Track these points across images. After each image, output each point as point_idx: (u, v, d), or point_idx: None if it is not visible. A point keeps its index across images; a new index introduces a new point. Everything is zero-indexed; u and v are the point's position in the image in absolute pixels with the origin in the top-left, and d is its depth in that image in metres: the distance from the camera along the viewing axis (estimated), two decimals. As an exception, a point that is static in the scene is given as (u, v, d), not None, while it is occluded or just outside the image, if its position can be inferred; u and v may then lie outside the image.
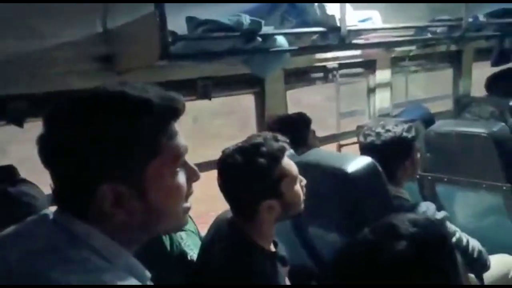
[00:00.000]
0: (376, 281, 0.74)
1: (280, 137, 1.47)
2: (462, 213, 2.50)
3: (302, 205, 1.48)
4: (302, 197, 1.47)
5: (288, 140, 1.47)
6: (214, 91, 2.27)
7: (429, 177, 2.50)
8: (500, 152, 2.15)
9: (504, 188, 2.17)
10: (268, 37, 1.79)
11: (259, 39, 1.75)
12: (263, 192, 1.40)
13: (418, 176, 2.55)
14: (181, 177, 0.82)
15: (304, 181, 1.49)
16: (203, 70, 2.16)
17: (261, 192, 1.40)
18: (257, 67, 1.91)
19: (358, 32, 2.18)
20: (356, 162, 1.64)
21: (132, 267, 0.78)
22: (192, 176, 0.84)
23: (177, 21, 1.63)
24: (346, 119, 3.10)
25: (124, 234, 0.77)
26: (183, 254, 1.58)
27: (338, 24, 1.94)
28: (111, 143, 0.74)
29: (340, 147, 3.06)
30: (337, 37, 1.96)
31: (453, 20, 2.57)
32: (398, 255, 0.74)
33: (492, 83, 3.30)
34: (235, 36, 1.70)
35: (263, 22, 1.74)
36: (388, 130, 1.88)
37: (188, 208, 0.85)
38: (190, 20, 1.68)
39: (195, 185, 0.86)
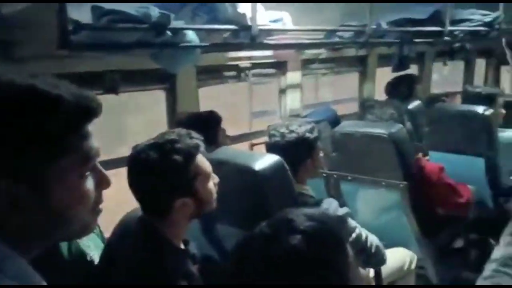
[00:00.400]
0: (270, 275, 0.75)
1: (194, 134, 1.45)
2: (364, 209, 2.63)
3: (215, 203, 1.48)
4: (215, 195, 1.47)
5: (202, 137, 1.46)
6: (122, 86, 2.19)
7: (335, 175, 2.60)
8: (397, 152, 2.30)
9: (401, 185, 2.32)
10: (178, 32, 1.76)
11: (169, 33, 1.71)
12: (177, 189, 1.38)
13: (324, 174, 2.66)
14: (89, 183, 0.77)
15: (217, 179, 1.49)
16: (110, 62, 2.07)
17: (175, 190, 1.37)
18: (167, 62, 1.87)
19: (269, 32, 2.22)
20: (264, 160, 1.66)
21: (24, 275, 0.71)
22: (102, 183, 0.79)
23: (83, 10, 1.54)
24: (258, 119, 3.14)
25: (19, 240, 0.70)
26: (82, 254, 1.50)
27: (249, 23, 1.95)
28: (11, 136, 0.67)
29: (252, 146, 3.10)
30: (248, 36, 1.98)
31: (359, 26, 2.70)
32: (292, 249, 0.75)
33: (392, 88, 3.53)
34: (143, 28, 1.65)
35: (172, 15, 1.70)
36: (292, 131, 1.95)
37: (96, 215, 0.80)
38: (95, 9, 1.59)
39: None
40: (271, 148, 1.98)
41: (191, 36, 1.82)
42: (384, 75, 3.74)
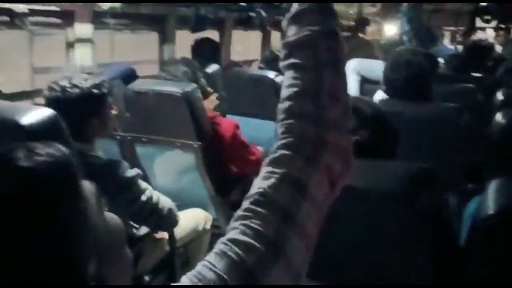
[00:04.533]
0: None
1: None
2: (161, 172, 2.56)
3: None
4: None
5: None
6: None
7: (129, 137, 2.45)
8: (191, 111, 2.25)
9: (195, 146, 2.29)
10: None
11: None
12: None
13: (118, 137, 2.48)
14: None
15: None
16: None
17: None
18: None
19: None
20: (34, 114, 1.42)
21: None
22: None
23: None
24: (41, 75, 2.75)
25: None
26: None
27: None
28: None
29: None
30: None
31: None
32: (5, 189, 0.63)
33: (196, 48, 3.50)
34: None
35: None
36: (75, 85, 1.76)
37: None
38: None
39: None
40: (51, 104, 1.75)
41: None
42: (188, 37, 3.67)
